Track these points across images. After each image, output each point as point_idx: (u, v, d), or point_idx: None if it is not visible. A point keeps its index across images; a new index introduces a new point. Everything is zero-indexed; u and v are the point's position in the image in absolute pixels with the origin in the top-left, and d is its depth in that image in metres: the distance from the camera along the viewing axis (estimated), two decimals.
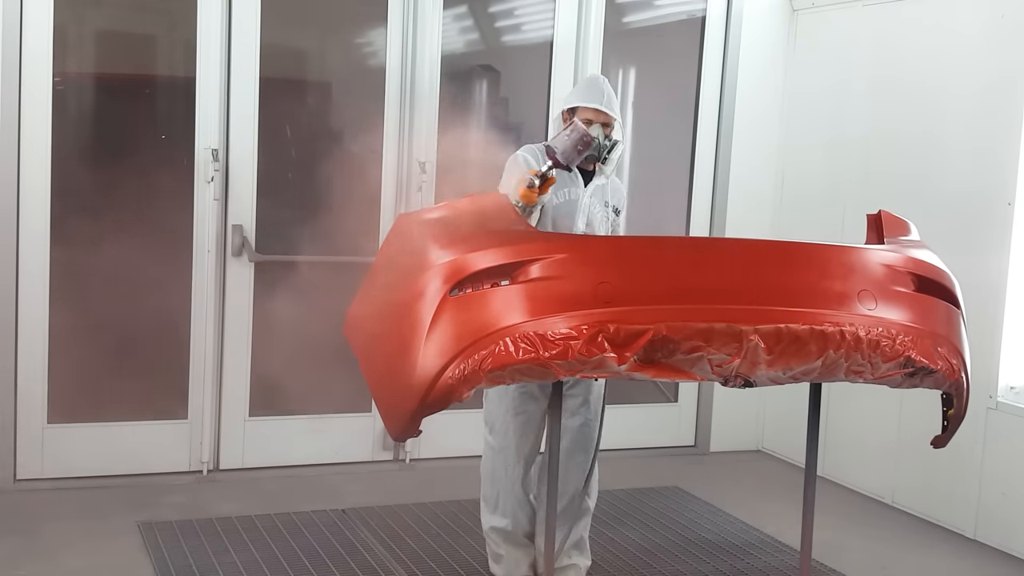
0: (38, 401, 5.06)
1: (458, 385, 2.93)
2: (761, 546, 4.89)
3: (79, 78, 5.15)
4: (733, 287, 3.06)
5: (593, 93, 4.02)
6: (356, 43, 5.77)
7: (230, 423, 5.41)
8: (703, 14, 6.12)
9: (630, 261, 3.12)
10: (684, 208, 6.21)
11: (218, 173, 5.19)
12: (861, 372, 3.14)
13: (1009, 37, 4.95)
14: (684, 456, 6.24)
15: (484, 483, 4.23)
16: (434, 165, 5.61)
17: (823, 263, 3.25)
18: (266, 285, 5.41)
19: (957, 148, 5.19)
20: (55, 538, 4.51)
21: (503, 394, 4.09)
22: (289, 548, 4.54)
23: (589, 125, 3.91)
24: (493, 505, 4.19)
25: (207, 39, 5.18)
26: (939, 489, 5.24)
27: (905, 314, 3.19)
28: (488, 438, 4.18)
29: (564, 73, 5.87)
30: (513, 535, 4.18)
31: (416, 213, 3.53)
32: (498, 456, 4.14)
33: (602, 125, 3.98)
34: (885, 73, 5.61)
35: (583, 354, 2.91)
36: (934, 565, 4.83)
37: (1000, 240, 4.96)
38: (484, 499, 4.24)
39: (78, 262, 5.15)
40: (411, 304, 3.04)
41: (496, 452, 4.15)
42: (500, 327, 2.92)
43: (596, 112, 3.98)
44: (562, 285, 2.98)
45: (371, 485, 5.40)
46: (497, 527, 4.19)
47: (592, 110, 3.98)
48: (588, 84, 4.12)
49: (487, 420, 4.19)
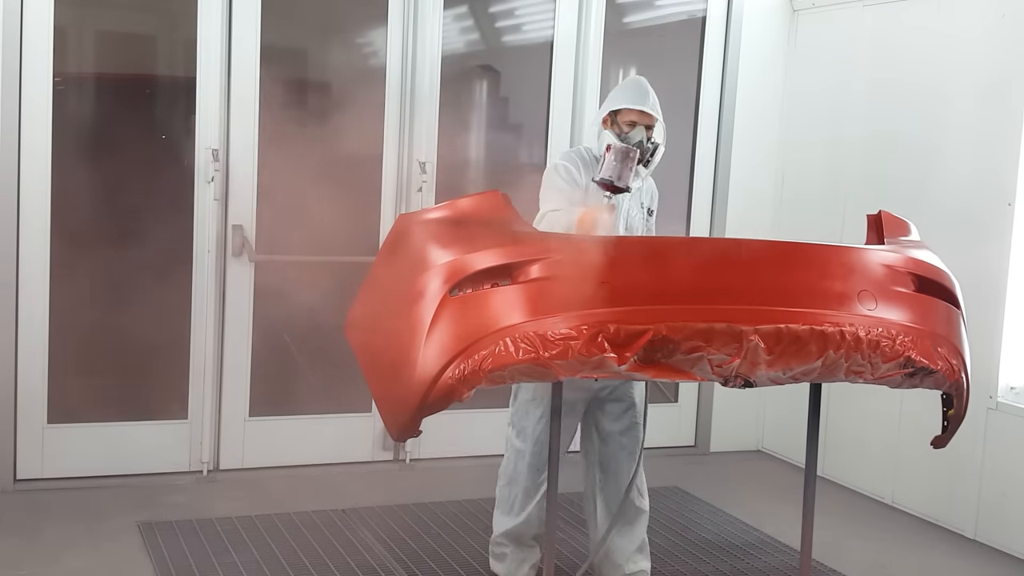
0: (38, 401, 5.06)
1: (458, 385, 2.93)
2: (761, 546, 4.89)
3: (79, 78, 5.15)
4: (733, 287, 3.05)
5: (637, 95, 3.99)
6: (356, 43, 5.77)
7: (230, 423, 5.41)
8: (703, 14, 6.12)
9: (630, 261, 3.12)
10: (684, 208, 6.21)
11: (218, 173, 5.19)
12: (861, 372, 3.14)
13: (1009, 38, 4.95)
14: (684, 456, 6.24)
15: (502, 483, 4.20)
16: (434, 165, 5.61)
17: (823, 263, 3.24)
18: (266, 285, 5.41)
19: (957, 148, 5.19)
20: (55, 538, 4.52)
21: (538, 402, 4.05)
22: (289, 548, 4.54)
23: (632, 127, 3.93)
24: (508, 506, 4.16)
25: (207, 39, 5.18)
26: (939, 489, 5.24)
27: (905, 314, 3.19)
28: (515, 441, 4.14)
29: (564, 73, 5.87)
30: (522, 536, 4.17)
31: (416, 213, 3.52)
32: (521, 459, 4.11)
33: (645, 127, 3.97)
34: (885, 73, 5.61)
35: (583, 354, 2.90)
36: (934, 565, 4.83)
37: (1000, 240, 4.96)
38: (500, 500, 4.21)
39: (78, 262, 5.15)
40: (411, 304, 3.04)
41: (519, 455, 4.11)
42: (500, 327, 2.92)
43: (640, 114, 3.97)
44: (562, 285, 2.97)
45: (371, 485, 5.40)
46: (508, 528, 4.17)
47: (636, 112, 3.96)
48: (631, 86, 4.08)
49: (514, 423, 4.16)
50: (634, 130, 3.93)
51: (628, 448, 4.14)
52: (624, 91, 4.07)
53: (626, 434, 4.14)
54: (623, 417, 4.13)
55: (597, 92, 5.92)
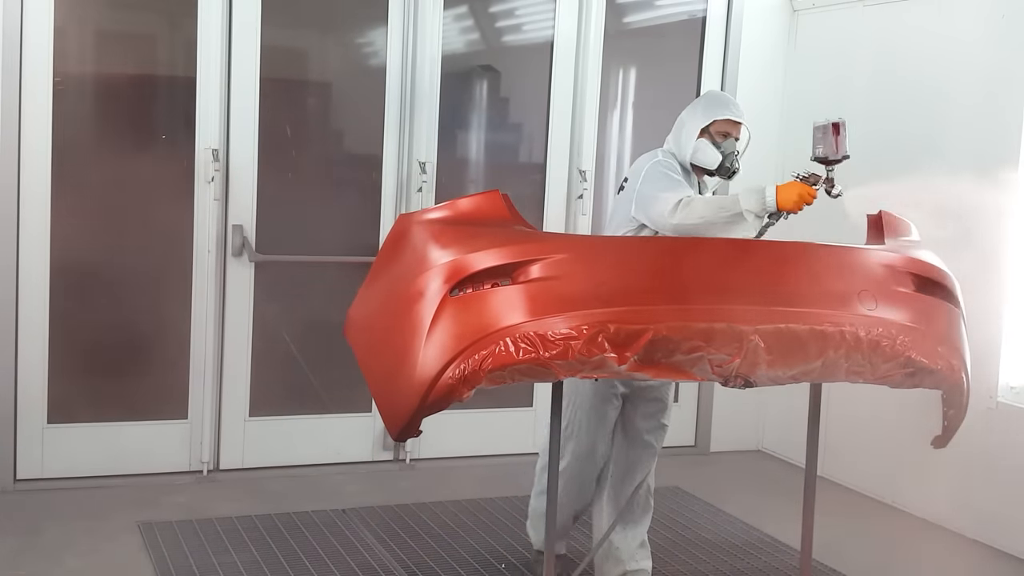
0: (38, 401, 5.06)
1: (458, 385, 2.93)
2: (761, 546, 4.89)
3: (79, 78, 5.15)
4: (733, 287, 3.05)
5: (729, 106, 4.13)
6: (356, 43, 5.77)
7: (230, 423, 5.41)
8: (703, 14, 6.12)
9: (630, 261, 3.12)
10: None
11: (218, 173, 5.19)
12: (861, 372, 3.14)
13: (1009, 38, 4.95)
14: (684, 456, 6.24)
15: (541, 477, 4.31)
16: (434, 165, 5.61)
17: (823, 263, 3.24)
18: (266, 285, 5.41)
19: (957, 148, 5.19)
20: (55, 538, 4.52)
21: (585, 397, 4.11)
22: (289, 548, 4.54)
23: (725, 137, 4.06)
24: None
25: (207, 39, 5.18)
26: (939, 489, 5.23)
27: (905, 314, 3.19)
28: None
29: (564, 73, 5.87)
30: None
31: (416, 213, 3.52)
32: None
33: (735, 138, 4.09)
34: (885, 73, 5.61)
35: (583, 354, 2.90)
36: (934, 565, 4.83)
37: (1000, 240, 4.95)
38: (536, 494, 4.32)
39: (78, 262, 5.15)
40: (411, 304, 3.04)
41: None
42: (500, 327, 2.92)
43: (733, 124, 4.09)
44: (562, 285, 2.97)
45: (371, 485, 5.40)
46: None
47: (731, 122, 4.09)
48: (719, 98, 4.24)
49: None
50: (727, 141, 4.07)
51: (653, 448, 4.23)
52: (713, 105, 4.15)
53: (652, 433, 4.22)
54: (654, 417, 4.22)
55: (597, 92, 5.92)
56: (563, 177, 5.92)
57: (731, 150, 4.08)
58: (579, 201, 5.87)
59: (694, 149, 4.06)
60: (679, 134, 4.13)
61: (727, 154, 4.07)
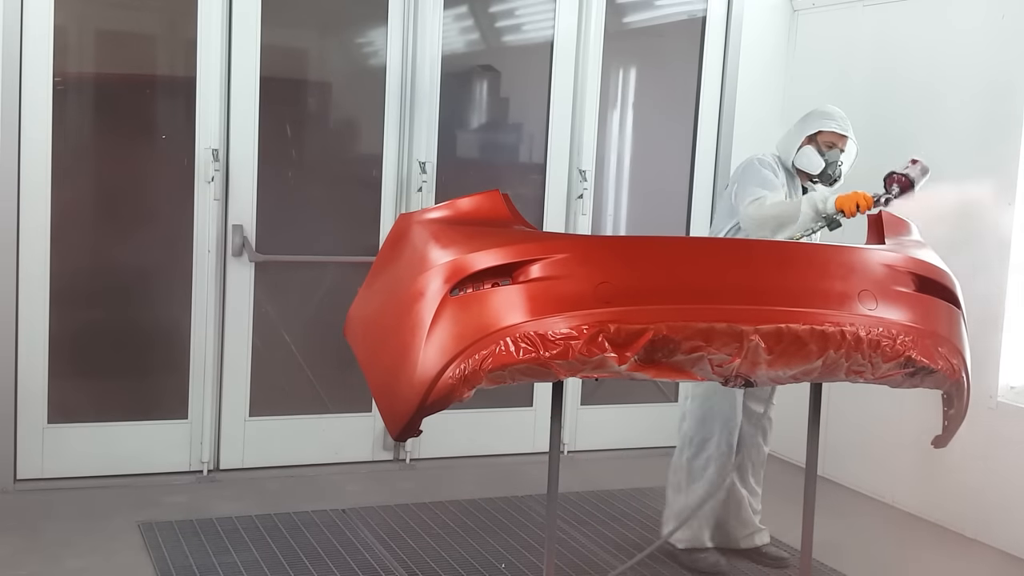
0: (38, 401, 5.06)
1: (459, 385, 2.93)
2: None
3: (79, 78, 5.15)
4: (733, 287, 3.05)
5: (836, 119, 4.44)
6: (356, 43, 5.77)
7: (230, 423, 5.41)
8: (703, 14, 6.12)
9: (630, 261, 3.11)
10: (684, 208, 6.21)
11: (218, 173, 5.20)
12: (861, 372, 3.14)
13: (1009, 37, 4.95)
14: None
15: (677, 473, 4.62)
16: (434, 165, 5.61)
17: (823, 263, 3.24)
18: (266, 285, 5.41)
19: (957, 148, 5.19)
20: (55, 538, 4.52)
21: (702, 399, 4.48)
22: (289, 548, 4.54)
23: (831, 148, 4.39)
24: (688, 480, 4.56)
25: (207, 39, 5.18)
26: (939, 489, 5.24)
27: (906, 314, 3.18)
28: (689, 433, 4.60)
29: (564, 73, 5.87)
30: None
31: (416, 213, 3.52)
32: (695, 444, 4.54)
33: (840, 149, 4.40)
34: (885, 73, 5.61)
35: (584, 354, 2.90)
36: (934, 565, 4.83)
37: (1000, 240, 4.96)
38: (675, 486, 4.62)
39: (78, 262, 5.15)
40: (411, 304, 3.04)
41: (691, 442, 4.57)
42: (501, 327, 2.92)
43: (839, 136, 4.41)
44: (562, 285, 2.97)
45: (371, 485, 5.40)
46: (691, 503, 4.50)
47: (836, 134, 4.41)
48: (828, 111, 4.48)
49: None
50: (831, 151, 4.39)
51: (765, 430, 4.65)
52: (825, 116, 4.46)
53: (765, 416, 4.59)
54: (766, 401, 4.52)
55: (597, 92, 5.93)
56: (563, 177, 5.92)
57: (834, 159, 4.40)
58: (579, 201, 5.87)
59: (799, 153, 4.43)
60: (788, 138, 4.53)
61: (830, 162, 4.40)
